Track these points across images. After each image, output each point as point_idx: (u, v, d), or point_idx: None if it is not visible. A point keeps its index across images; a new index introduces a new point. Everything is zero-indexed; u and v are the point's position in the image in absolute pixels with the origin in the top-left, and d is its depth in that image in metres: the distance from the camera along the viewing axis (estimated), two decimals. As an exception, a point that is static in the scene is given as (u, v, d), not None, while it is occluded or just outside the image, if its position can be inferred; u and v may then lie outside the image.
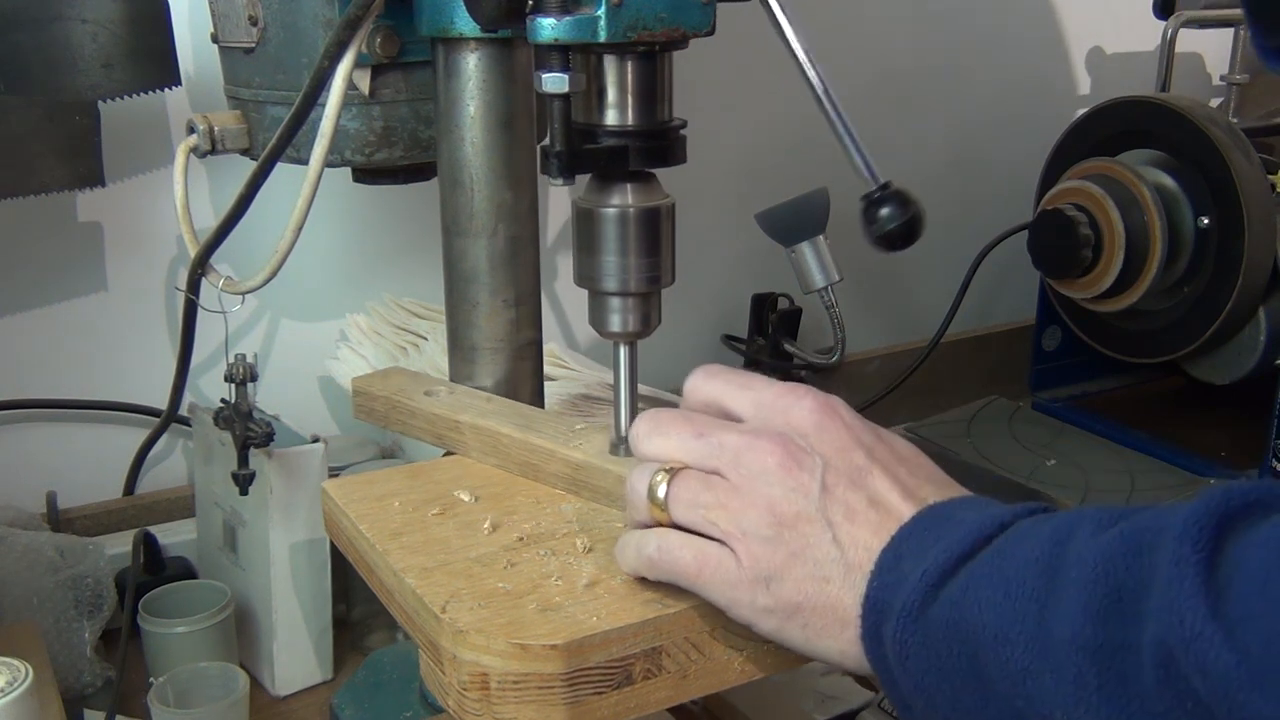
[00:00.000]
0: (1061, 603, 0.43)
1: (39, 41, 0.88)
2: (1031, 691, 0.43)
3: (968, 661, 0.46)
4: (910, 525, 0.51)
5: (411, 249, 1.16)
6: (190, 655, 0.85)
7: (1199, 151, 1.18)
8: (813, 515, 0.51)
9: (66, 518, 1.02)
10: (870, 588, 0.50)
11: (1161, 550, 0.41)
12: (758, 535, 0.51)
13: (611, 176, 0.64)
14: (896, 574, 0.49)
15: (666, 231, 0.66)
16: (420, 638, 0.57)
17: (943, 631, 0.47)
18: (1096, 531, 0.44)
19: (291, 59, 0.84)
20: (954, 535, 0.49)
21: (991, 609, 0.45)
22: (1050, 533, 0.46)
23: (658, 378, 1.15)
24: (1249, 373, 1.23)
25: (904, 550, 0.50)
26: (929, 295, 1.47)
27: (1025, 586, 0.45)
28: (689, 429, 0.55)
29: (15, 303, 1.03)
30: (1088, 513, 0.46)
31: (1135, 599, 0.41)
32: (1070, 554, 0.44)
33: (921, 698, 0.48)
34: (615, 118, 0.63)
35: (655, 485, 0.54)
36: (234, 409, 0.84)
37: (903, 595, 0.48)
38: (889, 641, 0.48)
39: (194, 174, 0.98)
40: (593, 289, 0.66)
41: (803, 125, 1.38)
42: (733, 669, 0.56)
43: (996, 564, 0.47)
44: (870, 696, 0.87)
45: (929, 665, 0.47)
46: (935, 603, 0.47)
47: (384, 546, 0.61)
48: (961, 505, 0.52)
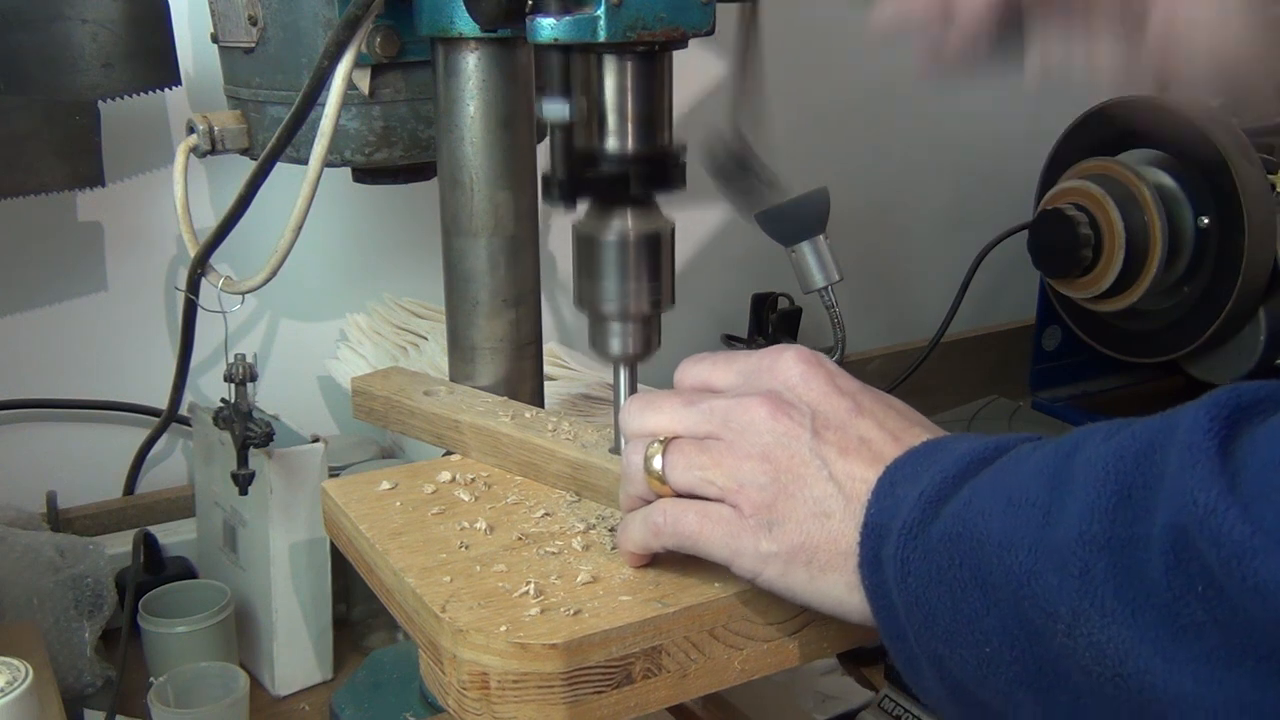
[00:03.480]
0: (1068, 505, 0.43)
1: (39, 41, 0.88)
2: (1037, 592, 0.43)
3: (970, 571, 0.46)
4: (905, 456, 0.51)
5: (411, 249, 1.16)
6: (190, 655, 0.85)
7: (1199, 151, 1.18)
8: (806, 457, 0.52)
9: (66, 518, 1.02)
10: (868, 514, 0.50)
11: (1172, 445, 0.41)
12: (755, 483, 0.52)
13: (612, 202, 0.64)
14: (893, 499, 0.49)
15: (667, 255, 0.66)
16: (420, 637, 0.57)
17: (944, 545, 0.47)
18: (1102, 440, 0.44)
19: (291, 59, 0.84)
20: (949, 458, 0.49)
21: (995, 518, 0.45)
22: (1055, 447, 0.46)
23: (658, 378, 1.15)
24: (1249, 373, 1.23)
25: (899, 477, 0.50)
26: (929, 295, 1.47)
27: (1030, 494, 0.45)
28: (678, 400, 0.56)
29: (15, 303, 1.03)
30: (1093, 426, 0.46)
31: (1145, 492, 0.41)
32: (1077, 462, 0.44)
33: (919, 613, 0.48)
34: (615, 144, 0.64)
35: (650, 456, 0.55)
36: (234, 409, 0.84)
37: (902, 515, 0.48)
38: (888, 561, 0.48)
39: (194, 174, 0.98)
40: (593, 312, 0.66)
41: (803, 124, 1.38)
42: (732, 668, 0.56)
43: (1000, 479, 0.47)
44: (870, 696, 0.87)
45: (929, 579, 0.47)
46: (936, 519, 0.47)
47: (384, 546, 0.61)
48: (955, 438, 0.52)
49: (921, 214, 1.52)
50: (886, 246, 1.49)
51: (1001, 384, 1.42)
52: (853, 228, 1.32)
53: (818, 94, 1.38)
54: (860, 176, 1.42)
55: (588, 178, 0.63)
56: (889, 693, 0.85)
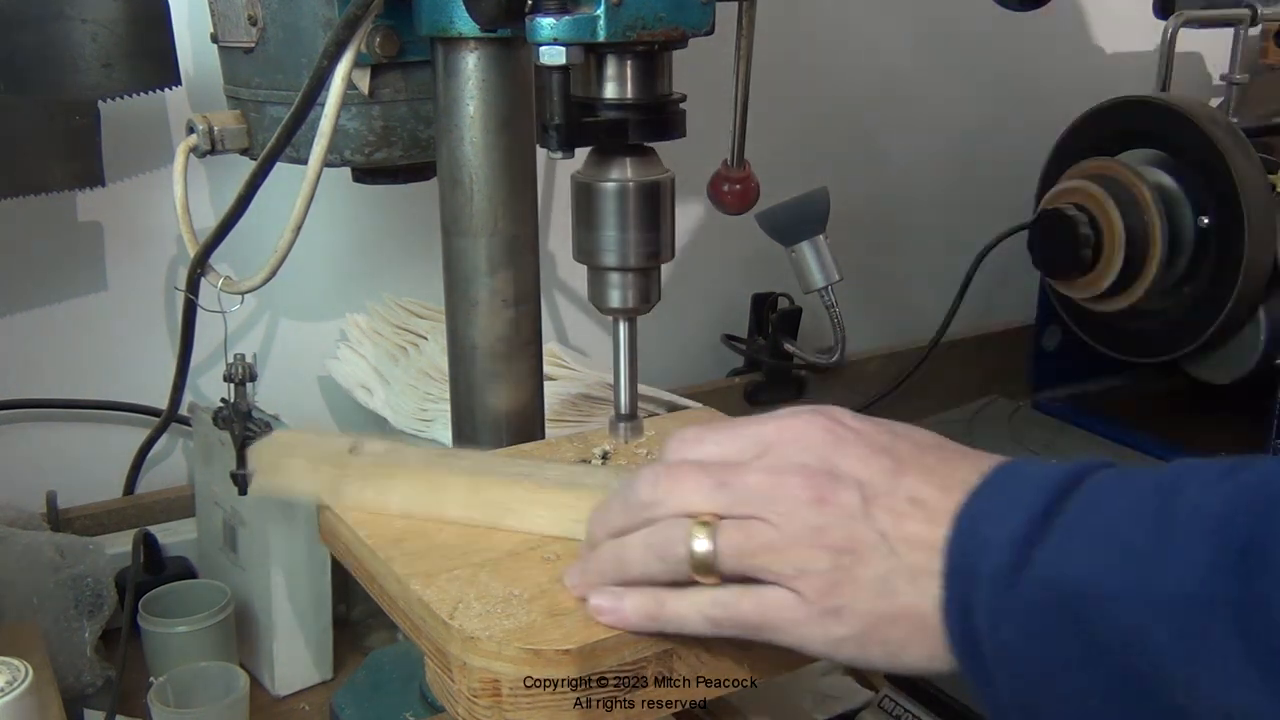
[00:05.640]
0: (1176, 555, 0.41)
1: (39, 41, 0.88)
2: (1148, 649, 0.41)
3: (1070, 622, 0.43)
4: (982, 488, 0.48)
5: (411, 249, 1.16)
6: (190, 655, 0.85)
7: (1199, 151, 1.18)
8: (862, 534, 0.49)
9: (66, 518, 1.02)
10: (950, 560, 0.47)
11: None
12: (815, 570, 0.49)
13: (610, 150, 0.64)
14: (976, 540, 0.47)
15: (666, 206, 0.65)
16: (426, 645, 0.56)
17: (1038, 591, 0.44)
18: (1210, 484, 0.43)
19: (291, 59, 0.84)
20: (1031, 493, 0.47)
21: (1094, 565, 0.43)
22: (1151, 485, 0.44)
23: (658, 378, 1.15)
24: (1249, 372, 1.23)
25: (979, 513, 0.47)
26: (929, 295, 1.47)
27: (1131, 539, 0.43)
28: (707, 480, 0.52)
29: (15, 303, 1.03)
30: (1192, 464, 0.44)
31: (1266, 550, 0.39)
32: (1181, 506, 0.42)
33: (1011, 663, 0.45)
34: (614, 91, 0.63)
35: (694, 542, 0.51)
36: (233, 409, 0.84)
37: (991, 558, 0.46)
38: (979, 609, 0.46)
39: (194, 174, 0.98)
40: (592, 264, 0.66)
41: (803, 125, 1.38)
42: (743, 671, 0.56)
43: (1091, 520, 0.44)
44: (870, 696, 0.87)
45: (1024, 629, 0.45)
46: (1029, 564, 0.45)
47: (386, 554, 0.60)
48: (1022, 463, 0.50)
49: (921, 214, 1.52)
50: (886, 246, 1.49)
51: (1001, 384, 1.42)
52: (853, 228, 1.32)
53: (818, 94, 1.38)
54: (860, 176, 1.42)
55: (585, 123, 0.62)
56: (889, 693, 0.85)
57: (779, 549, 0.50)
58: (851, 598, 0.49)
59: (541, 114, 0.62)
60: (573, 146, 0.61)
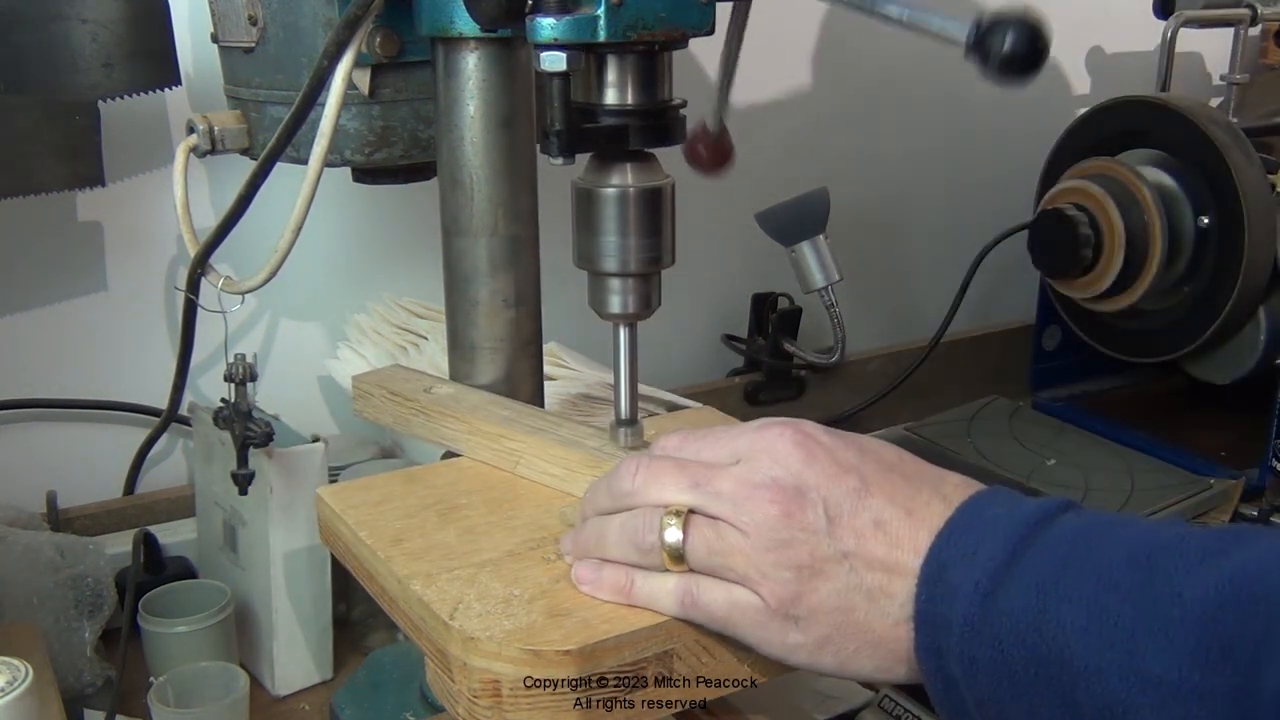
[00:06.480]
0: (1159, 636, 0.44)
1: (39, 41, 0.88)
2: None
3: (1054, 689, 0.46)
4: (946, 533, 0.51)
5: (411, 249, 1.16)
6: (190, 655, 0.85)
7: (1199, 151, 1.18)
8: (825, 551, 0.52)
9: (66, 517, 1.02)
10: (919, 603, 0.50)
11: (1277, 597, 0.41)
12: (778, 577, 0.52)
13: (611, 156, 0.64)
14: (943, 586, 0.50)
15: (667, 212, 0.65)
16: (426, 645, 0.56)
17: (1019, 652, 0.47)
18: (1193, 564, 0.45)
19: (291, 59, 0.84)
20: (995, 539, 0.49)
21: (1077, 635, 0.46)
22: (1127, 555, 0.47)
23: (658, 377, 1.15)
24: (1249, 372, 1.23)
25: (946, 559, 0.50)
26: (929, 295, 1.47)
27: (1112, 611, 0.45)
28: (683, 476, 0.55)
29: (15, 303, 1.03)
30: (1176, 531, 0.47)
31: (1252, 646, 0.41)
32: (1162, 586, 0.45)
33: (993, 710, 0.49)
34: (615, 97, 0.63)
35: (666, 532, 0.54)
36: (234, 409, 0.84)
37: (959, 608, 0.49)
38: (951, 655, 0.49)
39: (194, 174, 0.98)
40: (592, 270, 0.66)
41: (803, 124, 1.38)
42: (743, 671, 0.56)
43: (1070, 581, 0.47)
44: (870, 696, 0.87)
45: (1003, 687, 0.48)
46: (996, 613, 0.48)
47: (386, 553, 0.60)
48: (986, 499, 0.52)
49: (921, 213, 1.52)
50: (886, 246, 1.50)
51: (1001, 384, 1.42)
52: (853, 228, 1.32)
53: (818, 94, 1.38)
54: (860, 176, 1.42)
55: (586, 129, 0.63)
56: (889, 693, 0.85)
57: (745, 553, 0.53)
58: (810, 610, 0.52)
59: (542, 120, 0.62)
60: (573, 152, 0.62)
